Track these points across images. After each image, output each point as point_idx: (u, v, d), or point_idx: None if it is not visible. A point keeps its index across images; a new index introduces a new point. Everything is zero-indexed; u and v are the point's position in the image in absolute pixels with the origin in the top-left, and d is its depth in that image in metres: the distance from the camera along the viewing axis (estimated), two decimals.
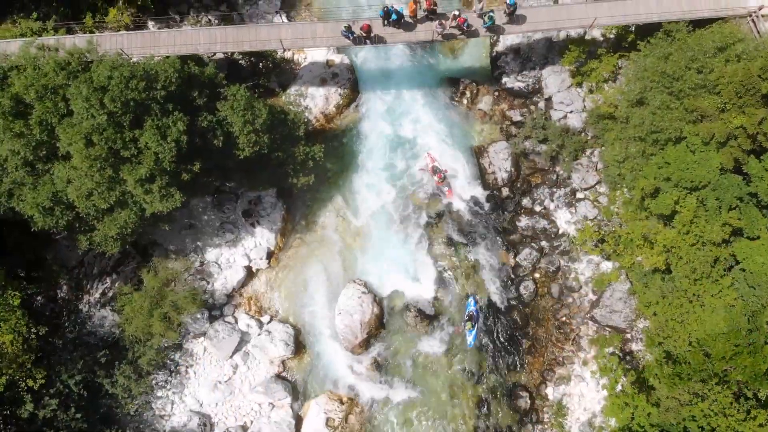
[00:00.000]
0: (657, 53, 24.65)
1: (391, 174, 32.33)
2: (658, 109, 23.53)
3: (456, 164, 32.20)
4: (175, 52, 27.13)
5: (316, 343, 30.06)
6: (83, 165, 22.06)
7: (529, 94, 32.29)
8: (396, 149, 32.66)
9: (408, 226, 31.53)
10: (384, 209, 31.93)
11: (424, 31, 27.64)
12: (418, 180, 32.10)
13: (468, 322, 28.78)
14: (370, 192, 32.19)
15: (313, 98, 32.02)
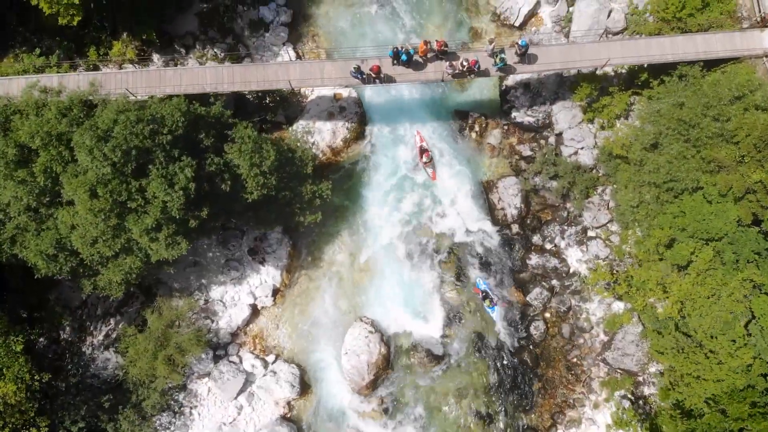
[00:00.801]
0: (671, 100, 24.52)
1: (399, 208, 32.19)
2: (674, 159, 23.42)
3: (465, 199, 32.11)
4: (182, 91, 27.05)
5: (322, 384, 29.96)
6: (88, 217, 21.94)
7: (539, 128, 32.18)
8: (403, 183, 32.53)
9: (416, 262, 31.42)
10: (391, 244, 31.82)
11: (434, 71, 27.53)
12: (426, 214, 32.02)
13: (486, 299, 29.28)
14: (378, 226, 32.07)
15: (320, 132, 31.91)
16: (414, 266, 31.35)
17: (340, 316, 30.80)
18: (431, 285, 31.09)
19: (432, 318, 30.68)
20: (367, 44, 33.31)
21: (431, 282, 31.11)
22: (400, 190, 32.48)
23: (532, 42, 32.05)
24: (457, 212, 32.01)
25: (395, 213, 32.13)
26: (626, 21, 31.11)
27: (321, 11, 33.96)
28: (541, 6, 33.13)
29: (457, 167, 32.47)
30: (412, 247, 31.65)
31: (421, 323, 30.66)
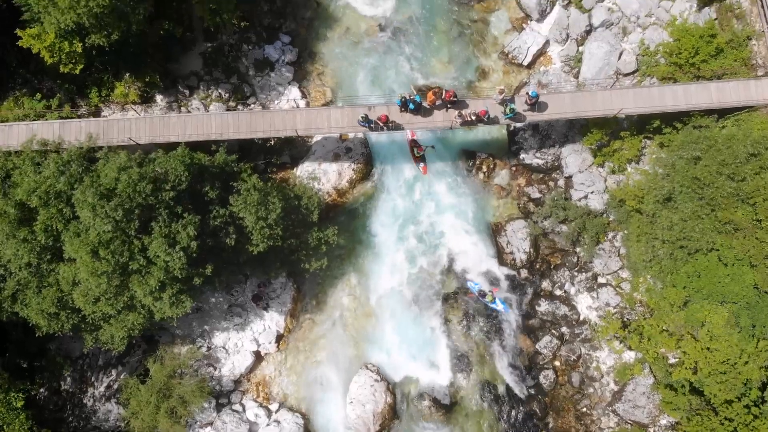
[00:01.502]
0: (686, 153, 24.31)
1: (405, 250, 31.93)
2: (688, 217, 23.19)
3: (472, 241, 31.89)
4: (186, 138, 26.78)
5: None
6: (90, 279, 21.70)
7: (548, 170, 31.94)
8: (410, 224, 32.25)
9: (423, 307, 31.16)
10: (397, 288, 31.54)
11: (443, 120, 27.32)
12: (433, 256, 31.78)
13: (489, 294, 29.52)
14: (383, 269, 31.80)
15: (325, 173, 31.66)
16: (420, 310, 31.08)
17: (345, 362, 30.51)
18: (438, 329, 30.81)
19: (439, 364, 30.39)
20: (374, 83, 33.21)
21: (438, 326, 30.83)
22: (407, 231, 32.20)
23: (541, 83, 31.97)
24: (464, 254, 31.75)
25: (401, 255, 31.86)
26: (637, 63, 30.91)
27: (327, 49, 33.73)
28: (550, 45, 32.91)
29: (464, 208, 32.25)
30: (419, 290, 31.39)
31: (427, 369, 30.38)
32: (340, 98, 32.86)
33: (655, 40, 30.94)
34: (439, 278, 31.50)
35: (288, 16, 33.56)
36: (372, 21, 34.09)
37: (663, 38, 30.81)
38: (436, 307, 31.10)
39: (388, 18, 34.13)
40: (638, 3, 31.51)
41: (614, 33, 31.64)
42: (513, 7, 33.96)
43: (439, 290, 31.31)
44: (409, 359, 30.60)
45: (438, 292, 31.28)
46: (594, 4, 32.14)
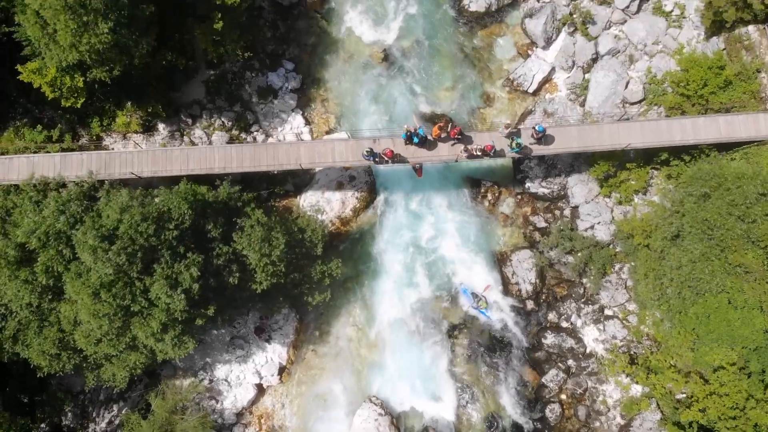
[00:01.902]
0: (695, 192, 24.11)
1: (410, 280, 31.72)
2: (698, 259, 23.00)
3: (477, 271, 31.68)
4: (189, 171, 26.64)
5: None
6: (92, 321, 21.52)
7: (554, 199, 31.76)
8: (414, 253, 32.05)
9: (427, 338, 30.93)
10: (402, 318, 31.32)
11: (448, 152, 27.14)
12: (437, 285, 31.59)
13: (481, 302, 29.86)
14: (388, 299, 31.58)
15: (329, 202, 31.47)
16: (425, 341, 30.85)
17: (349, 394, 30.29)
18: (443, 361, 30.58)
19: (444, 397, 30.18)
20: (378, 109, 33.02)
21: (443, 358, 30.60)
22: (411, 259, 31.98)
23: (546, 112, 31.81)
24: (469, 285, 31.54)
25: (406, 284, 31.63)
26: (644, 92, 30.74)
27: (330, 75, 33.55)
28: (555, 72, 32.75)
29: (469, 237, 32.04)
30: (423, 320, 31.16)
31: (432, 403, 30.16)
32: (344, 127, 32.70)
33: (662, 69, 30.80)
34: (443, 308, 31.30)
35: (291, 43, 33.40)
36: (376, 46, 33.91)
37: (670, 66, 30.67)
38: (440, 338, 30.89)
39: (392, 43, 33.96)
40: (645, 31, 31.37)
41: (621, 61, 31.48)
42: (518, 33, 33.79)
43: (444, 321, 31.10)
44: (414, 391, 30.38)
45: (443, 323, 31.06)
46: (600, 31, 31.98)
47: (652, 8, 31.85)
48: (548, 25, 32.12)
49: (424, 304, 31.42)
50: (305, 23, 33.74)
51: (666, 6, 31.82)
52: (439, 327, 31.10)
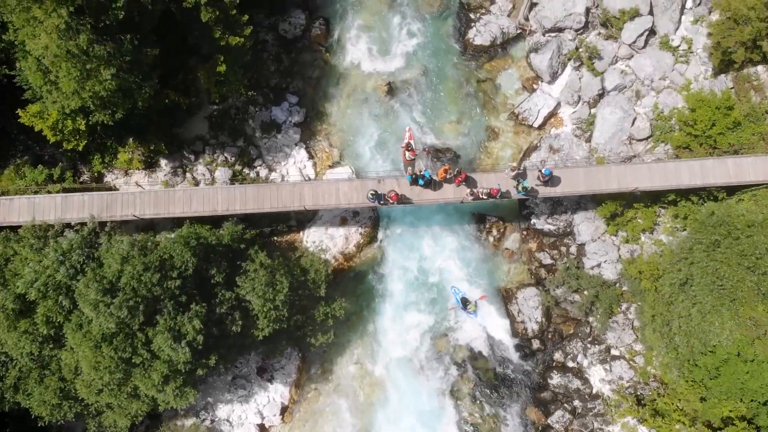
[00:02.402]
0: (704, 240, 23.90)
1: (414, 316, 31.47)
2: (707, 312, 22.78)
3: (482, 307, 31.45)
4: (191, 213, 26.52)
5: None
6: (92, 373, 21.30)
7: (560, 236, 31.56)
8: (418, 290, 31.82)
9: (431, 375, 30.69)
10: (405, 356, 31.09)
11: (453, 194, 26.99)
12: (442, 323, 31.37)
13: (469, 305, 30.10)
14: (391, 336, 31.34)
15: (332, 238, 31.27)
16: (430, 380, 30.59)
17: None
18: (447, 400, 30.29)
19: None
20: (382, 143, 32.82)
21: (447, 397, 30.31)
22: (415, 296, 31.75)
23: (552, 148, 31.64)
24: (474, 321, 31.34)
25: (410, 321, 31.41)
26: (651, 128, 30.59)
27: (334, 108, 33.38)
28: (561, 107, 32.58)
29: (474, 273, 31.82)
30: (428, 358, 30.92)
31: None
32: (347, 160, 32.55)
33: (669, 105, 30.67)
34: (447, 346, 31.07)
35: (295, 76, 33.26)
36: (380, 79, 33.75)
37: (677, 103, 30.56)
38: (445, 376, 30.64)
39: (397, 76, 33.82)
40: (652, 66, 31.24)
41: (627, 97, 31.34)
42: (523, 66, 33.66)
43: (449, 359, 30.84)
44: (417, 431, 30.12)
45: (447, 361, 30.81)
46: (606, 66, 31.85)
47: (659, 43, 31.73)
48: (554, 60, 31.99)
49: (428, 340, 31.20)
50: (309, 56, 33.61)
51: (673, 41, 31.72)
52: (444, 364, 30.85)
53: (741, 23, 26.87)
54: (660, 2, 31.75)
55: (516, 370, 30.52)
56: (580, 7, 31.93)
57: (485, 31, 33.19)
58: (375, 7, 34.36)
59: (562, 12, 31.97)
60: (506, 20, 33.40)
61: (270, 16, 33.06)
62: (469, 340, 31.13)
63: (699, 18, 31.84)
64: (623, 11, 31.37)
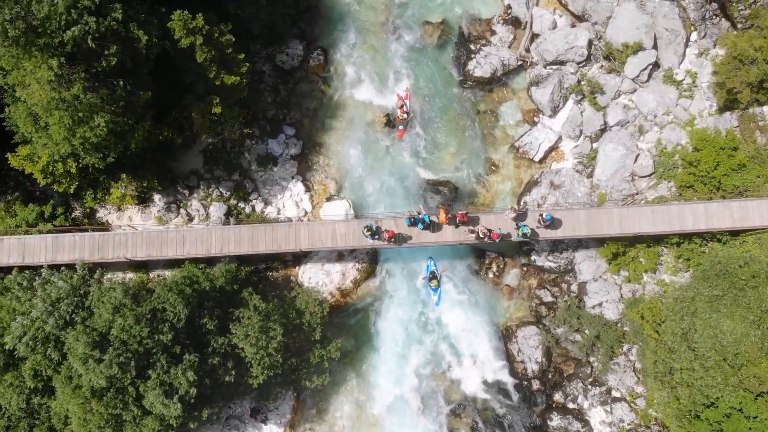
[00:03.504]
0: (706, 292, 23.55)
1: (411, 354, 31.12)
2: (710, 367, 22.44)
3: (482, 345, 31.16)
4: (184, 255, 26.21)
5: None
6: (81, 429, 20.95)
7: (561, 273, 31.23)
8: (416, 326, 31.48)
9: (428, 416, 30.38)
10: (402, 395, 30.77)
11: (453, 236, 26.68)
12: (440, 361, 31.04)
13: (433, 280, 28.96)
14: (388, 375, 30.98)
15: (328, 274, 30.93)
16: (427, 420, 30.29)
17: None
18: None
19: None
20: (379, 175, 32.52)
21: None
22: (413, 333, 31.42)
23: (553, 183, 31.29)
24: (473, 360, 31.00)
25: (407, 359, 31.07)
26: (654, 165, 30.27)
27: (331, 140, 33.04)
28: (562, 141, 32.27)
29: (473, 310, 31.48)
30: (425, 398, 30.61)
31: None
32: (345, 193, 32.23)
33: (672, 141, 30.36)
34: (446, 386, 30.77)
35: (292, 107, 32.96)
36: (378, 110, 33.44)
37: (681, 138, 30.25)
38: (442, 418, 30.34)
39: (395, 108, 33.49)
40: (655, 101, 30.92)
41: (630, 132, 31.02)
42: (524, 98, 33.35)
43: (446, 399, 30.57)
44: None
45: (445, 401, 30.54)
46: (609, 101, 31.54)
47: (663, 76, 31.43)
48: (555, 94, 31.69)
49: (425, 379, 30.90)
50: (307, 87, 33.31)
51: (677, 74, 31.41)
52: (441, 404, 30.59)
53: (747, 63, 26.55)
54: (664, 35, 31.47)
55: (515, 410, 30.18)
56: (583, 40, 31.62)
57: (485, 63, 32.88)
58: (374, 36, 34.07)
59: (564, 45, 31.66)
60: (507, 52, 33.09)
61: (267, 47, 32.74)
62: (467, 379, 30.82)
63: (704, 51, 31.55)
64: (626, 45, 31.06)
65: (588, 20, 32.71)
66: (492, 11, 34.06)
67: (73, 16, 19.64)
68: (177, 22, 23.54)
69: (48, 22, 19.17)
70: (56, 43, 19.34)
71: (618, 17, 31.60)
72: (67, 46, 19.56)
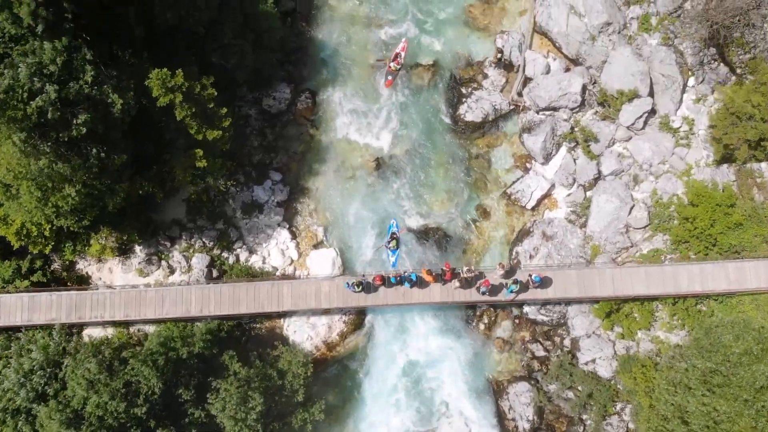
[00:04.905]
0: (699, 365, 23.05)
1: (399, 409, 30.63)
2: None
3: (472, 401, 30.65)
4: (163, 315, 25.85)
5: None
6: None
7: (554, 326, 30.74)
8: (405, 380, 30.95)
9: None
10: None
11: (441, 296, 26.26)
12: (431, 418, 30.54)
13: (393, 241, 28.32)
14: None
15: (314, 327, 30.43)
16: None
17: None
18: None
19: None
20: (368, 220, 32.07)
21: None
22: (401, 388, 30.90)
23: (545, 234, 30.82)
24: (463, 417, 30.52)
25: (395, 416, 30.58)
26: (649, 216, 29.80)
27: (319, 184, 32.57)
28: (555, 188, 31.79)
29: (463, 364, 30.98)
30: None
31: None
32: (332, 239, 31.79)
33: (668, 191, 29.95)
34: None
35: (279, 150, 32.53)
36: (368, 154, 33.01)
37: (677, 189, 29.88)
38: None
39: (385, 151, 33.07)
40: (651, 150, 30.50)
41: (624, 182, 30.57)
42: (516, 143, 32.87)
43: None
44: None
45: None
46: (603, 149, 31.10)
47: (659, 123, 31.01)
48: (547, 142, 31.23)
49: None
50: (294, 130, 32.89)
51: (674, 122, 31.00)
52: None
53: (744, 120, 26.08)
54: (660, 80, 31.06)
55: None
56: (576, 86, 31.17)
57: (477, 107, 32.45)
58: (363, 78, 33.63)
59: (557, 91, 31.21)
60: (499, 97, 32.62)
61: (253, 90, 32.35)
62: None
63: (701, 97, 31.15)
64: (621, 92, 30.64)
65: (582, 64, 32.31)
66: (484, 53, 33.64)
67: (36, 85, 19.23)
68: (155, 81, 23.12)
69: (11, 93, 18.76)
70: (20, 116, 18.91)
71: (613, 62, 31.17)
72: (32, 117, 19.14)
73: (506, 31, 33.33)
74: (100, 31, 23.93)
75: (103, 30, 24.20)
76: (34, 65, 19.39)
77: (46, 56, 19.72)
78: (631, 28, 32.29)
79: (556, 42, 32.61)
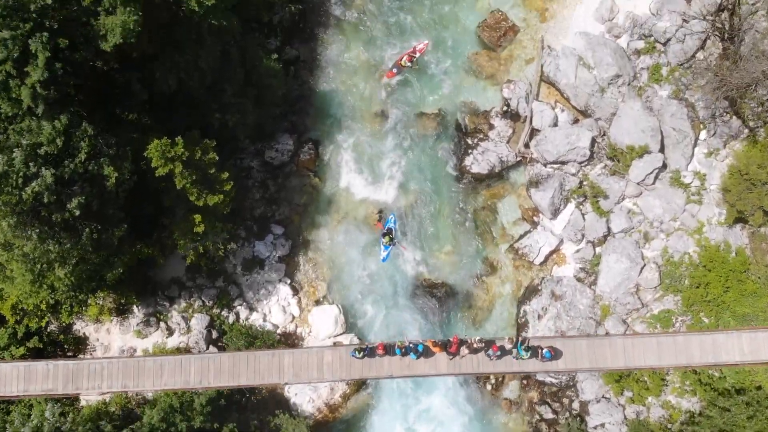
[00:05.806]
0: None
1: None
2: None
3: None
4: (162, 387, 25.43)
5: None
6: None
7: (562, 388, 30.31)
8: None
9: None
10: None
11: (447, 368, 25.78)
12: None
13: (386, 236, 29.25)
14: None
15: (315, 389, 30.09)
16: None
17: None
18: None
19: None
20: (373, 276, 31.73)
21: None
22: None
23: (554, 294, 30.45)
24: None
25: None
26: (660, 276, 29.39)
27: (322, 237, 32.21)
28: (564, 244, 31.39)
29: (470, 425, 30.57)
30: None
31: None
32: (334, 296, 31.46)
33: (680, 250, 29.55)
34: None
35: (281, 203, 32.18)
36: (371, 206, 32.64)
37: (688, 247, 29.48)
38: None
39: (389, 203, 32.68)
40: (662, 207, 30.10)
41: (635, 239, 30.16)
42: (523, 195, 32.47)
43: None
44: None
45: None
46: (612, 206, 30.67)
47: (670, 179, 30.58)
48: (555, 197, 30.82)
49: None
50: (297, 182, 32.53)
51: (685, 177, 30.58)
52: None
53: (759, 186, 25.68)
54: (672, 134, 30.67)
55: None
56: (585, 140, 30.77)
57: (483, 159, 32.06)
58: (367, 129, 33.29)
59: (566, 146, 30.82)
60: (505, 148, 32.20)
61: (255, 142, 32.01)
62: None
63: (713, 151, 30.73)
64: (632, 148, 30.23)
65: (591, 116, 31.93)
66: (490, 103, 33.24)
67: (32, 169, 18.90)
68: (154, 152, 22.79)
69: (5, 179, 18.43)
70: (14, 202, 18.57)
71: (623, 116, 30.78)
72: (26, 203, 18.81)
73: (513, 80, 32.95)
74: (100, 98, 23.62)
75: (103, 94, 23.92)
76: (29, 147, 19.04)
77: (44, 137, 19.36)
78: (641, 79, 31.92)
79: (564, 93, 32.23)
